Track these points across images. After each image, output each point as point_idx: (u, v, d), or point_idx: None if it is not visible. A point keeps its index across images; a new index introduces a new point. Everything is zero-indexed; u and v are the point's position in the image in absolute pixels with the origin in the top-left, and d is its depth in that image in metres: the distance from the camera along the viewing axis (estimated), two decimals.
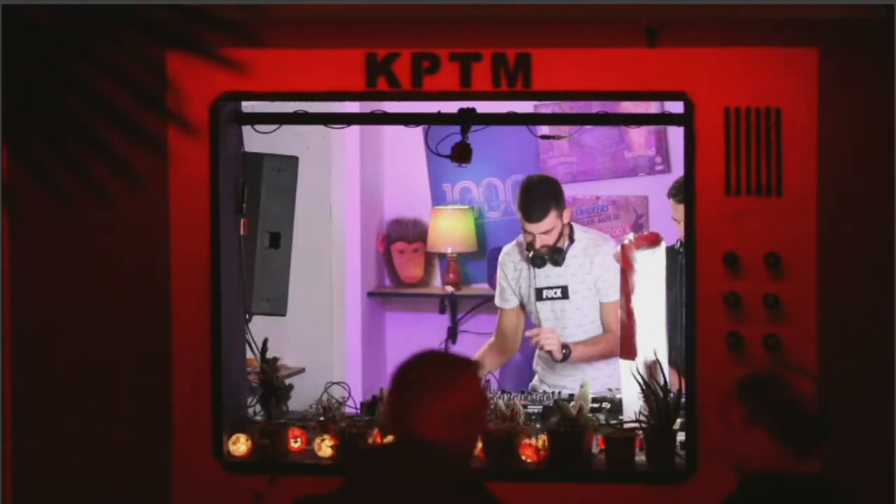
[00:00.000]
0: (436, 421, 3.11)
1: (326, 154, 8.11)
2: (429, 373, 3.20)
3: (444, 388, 3.15)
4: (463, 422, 3.13)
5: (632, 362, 5.59)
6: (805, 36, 5.19)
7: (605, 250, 6.38)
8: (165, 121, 1.99)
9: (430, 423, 3.11)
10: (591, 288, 6.38)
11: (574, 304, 6.39)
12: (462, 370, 3.23)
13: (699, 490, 5.26)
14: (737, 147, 5.24)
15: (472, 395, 3.19)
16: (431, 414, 3.12)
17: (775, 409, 3.51)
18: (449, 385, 3.15)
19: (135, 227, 5.47)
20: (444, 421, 3.12)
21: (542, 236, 6.29)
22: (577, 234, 6.41)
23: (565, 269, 6.37)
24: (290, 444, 5.54)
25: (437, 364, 3.27)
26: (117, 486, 5.53)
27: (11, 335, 5.52)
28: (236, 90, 5.41)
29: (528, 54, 5.30)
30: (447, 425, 3.12)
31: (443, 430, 3.11)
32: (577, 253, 6.38)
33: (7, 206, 2.16)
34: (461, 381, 3.18)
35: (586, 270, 6.37)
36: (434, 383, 3.16)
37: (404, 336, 8.48)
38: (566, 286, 6.38)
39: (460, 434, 3.14)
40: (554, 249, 6.33)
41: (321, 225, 8.14)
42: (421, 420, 3.13)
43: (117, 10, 1.94)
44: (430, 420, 3.12)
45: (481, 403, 3.24)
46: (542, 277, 6.41)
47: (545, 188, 6.33)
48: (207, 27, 1.94)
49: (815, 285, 5.22)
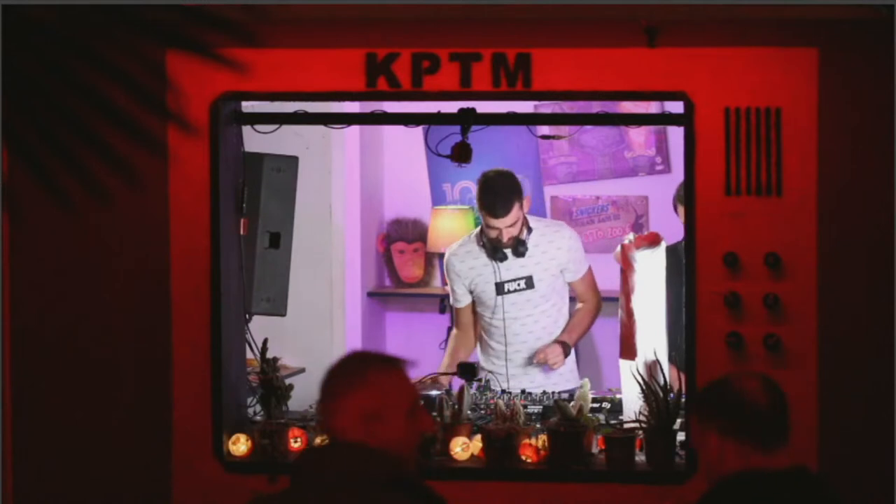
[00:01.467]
0: (345, 421, 3.11)
1: (326, 154, 8.11)
2: (341, 373, 3.20)
3: (352, 387, 3.13)
4: (375, 422, 3.10)
5: (632, 362, 5.59)
6: (805, 36, 5.19)
7: (564, 234, 6.47)
8: (165, 121, 1.99)
9: (341, 423, 3.12)
10: (555, 273, 6.43)
11: (539, 291, 6.42)
12: (376, 369, 3.19)
13: (699, 490, 5.25)
14: (737, 147, 5.24)
15: (383, 395, 3.13)
16: (341, 414, 3.12)
17: (717, 407, 3.54)
18: (357, 384, 3.14)
19: (135, 227, 5.46)
20: (353, 421, 3.11)
21: (509, 229, 6.32)
22: (531, 223, 6.44)
23: (528, 259, 6.39)
24: (290, 444, 5.54)
25: (352, 364, 3.25)
26: (117, 485, 5.53)
27: (11, 335, 5.52)
28: (236, 90, 5.41)
29: (528, 54, 5.30)
30: (358, 425, 3.10)
31: (354, 430, 3.10)
32: (538, 240, 6.41)
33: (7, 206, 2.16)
34: (372, 380, 3.15)
35: (550, 256, 6.41)
36: (344, 383, 3.16)
37: (404, 336, 8.48)
38: (530, 276, 6.40)
39: (377, 434, 3.10)
40: (517, 241, 6.35)
41: (321, 225, 8.14)
42: (333, 420, 3.14)
43: (117, 10, 1.94)
44: (340, 420, 3.12)
45: (397, 402, 3.13)
46: (504, 271, 6.41)
47: (506, 183, 6.34)
48: (207, 27, 1.94)
49: (815, 285, 5.22)
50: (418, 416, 3.18)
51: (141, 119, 1.94)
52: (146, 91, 1.94)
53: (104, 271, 5.51)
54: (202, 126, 5.36)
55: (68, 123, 1.93)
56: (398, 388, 3.17)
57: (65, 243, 5.50)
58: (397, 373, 3.19)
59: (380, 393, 3.13)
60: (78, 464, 5.54)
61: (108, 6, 1.94)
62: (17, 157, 1.94)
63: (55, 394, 5.53)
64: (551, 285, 6.43)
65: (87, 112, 1.93)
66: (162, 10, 1.95)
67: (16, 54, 1.92)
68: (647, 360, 5.57)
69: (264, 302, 5.81)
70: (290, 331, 6.90)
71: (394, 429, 3.11)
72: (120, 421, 5.51)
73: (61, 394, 5.53)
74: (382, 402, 3.12)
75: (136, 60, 1.93)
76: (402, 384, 3.19)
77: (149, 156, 2.00)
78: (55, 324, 5.53)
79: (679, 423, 5.35)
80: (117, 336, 5.51)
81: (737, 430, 3.49)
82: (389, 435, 3.10)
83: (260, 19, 2.49)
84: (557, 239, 6.43)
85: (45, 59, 1.94)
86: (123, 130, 1.92)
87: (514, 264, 6.40)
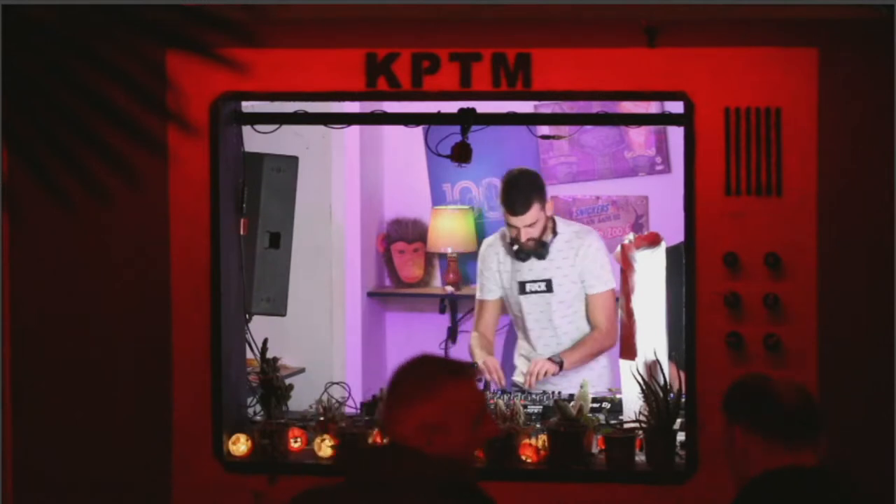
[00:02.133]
0: (407, 430, 3.10)
1: (326, 154, 8.11)
2: (409, 380, 3.18)
3: (418, 397, 3.11)
4: (437, 433, 3.09)
5: (632, 362, 5.59)
6: (805, 36, 5.19)
7: (589, 242, 6.40)
8: (165, 121, 1.99)
9: (403, 432, 3.10)
10: (575, 281, 6.39)
11: (559, 297, 6.40)
12: (444, 379, 3.16)
13: (699, 490, 5.26)
14: (737, 147, 5.24)
15: (449, 407, 3.11)
16: (404, 423, 3.11)
17: (748, 403, 3.54)
18: (423, 395, 3.12)
19: (135, 227, 5.47)
20: (415, 431, 3.09)
21: (527, 229, 6.31)
22: (560, 227, 6.43)
23: (549, 263, 6.38)
24: (290, 444, 5.54)
25: (421, 371, 3.23)
26: (117, 485, 5.53)
27: (11, 335, 5.53)
28: (236, 90, 5.41)
29: (528, 54, 5.30)
30: (420, 435, 3.09)
31: (415, 439, 3.09)
32: (562, 246, 6.39)
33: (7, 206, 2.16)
34: (439, 391, 3.13)
35: (570, 263, 6.38)
36: (410, 392, 3.14)
37: (404, 336, 8.48)
38: (550, 279, 6.39)
39: (437, 444, 3.09)
40: (538, 243, 6.34)
41: (321, 225, 8.14)
42: (395, 427, 3.12)
43: (117, 10, 1.94)
44: (402, 429, 3.11)
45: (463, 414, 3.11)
46: (526, 271, 6.41)
47: (527, 181, 6.34)
48: (207, 27, 1.94)
49: (815, 285, 5.22)
50: (483, 424, 3.16)
51: (141, 119, 1.93)
52: (146, 91, 1.93)
53: (104, 271, 5.51)
54: (202, 126, 5.36)
55: (68, 123, 1.93)
56: (465, 399, 3.14)
57: (65, 243, 5.50)
58: (466, 383, 3.17)
59: (446, 405, 3.10)
60: (78, 464, 5.54)
61: (108, 6, 1.94)
62: (17, 157, 1.93)
63: (55, 394, 5.53)
64: (572, 292, 6.41)
65: (87, 112, 1.92)
66: (162, 10, 1.95)
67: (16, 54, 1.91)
68: (647, 360, 5.57)
69: (264, 302, 5.81)
70: (290, 331, 6.90)
71: (456, 438, 3.10)
72: (120, 421, 5.51)
73: (61, 394, 5.53)
74: (448, 414, 3.10)
75: (136, 60, 1.93)
76: (469, 395, 3.16)
77: (149, 156, 2.00)
78: (55, 324, 5.53)
79: (679, 423, 5.35)
80: (117, 336, 5.51)
81: (761, 426, 3.49)
82: (451, 444, 3.09)
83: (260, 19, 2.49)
84: (581, 246, 6.40)
85: (45, 59, 1.94)
86: (123, 130, 1.92)
87: (536, 265, 6.40)
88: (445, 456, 3.08)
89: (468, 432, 3.11)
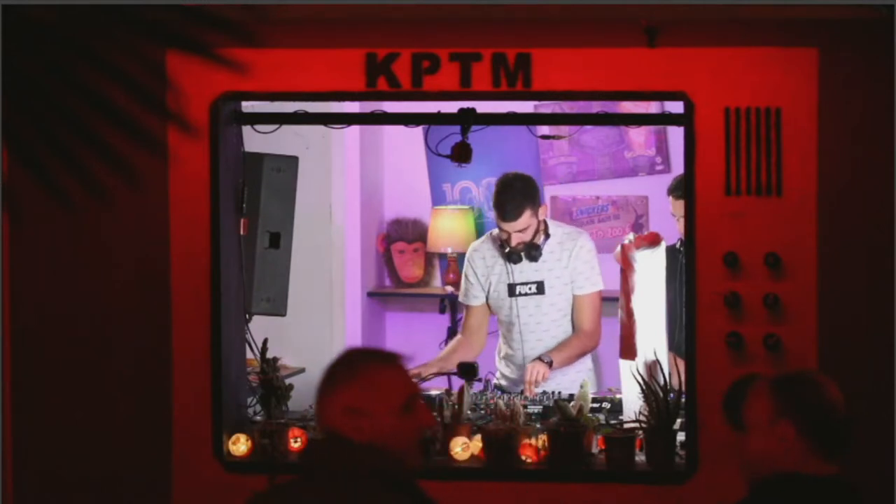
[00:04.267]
0: (330, 415, 3.10)
1: (326, 154, 8.11)
2: (333, 368, 3.19)
3: (340, 381, 3.12)
4: (359, 416, 3.08)
5: (632, 362, 5.59)
6: (805, 36, 5.19)
7: (581, 243, 6.39)
8: (165, 121, 1.99)
9: (327, 417, 3.11)
10: (567, 283, 6.38)
11: (549, 299, 6.38)
12: (366, 363, 3.17)
13: (699, 490, 5.26)
14: (737, 147, 5.24)
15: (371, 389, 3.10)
16: (328, 408, 3.12)
17: (808, 405, 3.47)
18: (344, 379, 3.13)
19: (135, 227, 5.47)
20: (337, 415, 3.10)
21: (518, 234, 6.29)
22: (551, 228, 6.41)
23: (541, 265, 6.37)
24: (290, 444, 5.54)
25: (345, 359, 3.23)
26: (117, 485, 5.53)
27: (11, 335, 5.52)
28: (236, 90, 5.41)
29: (528, 54, 5.30)
30: (342, 419, 3.09)
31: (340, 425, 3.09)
32: (553, 248, 6.37)
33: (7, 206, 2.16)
34: (360, 374, 3.13)
35: (563, 265, 6.37)
36: (333, 378, 3.15)
37: (404, 336, 8.48)
38: (542, 281, 6.38)
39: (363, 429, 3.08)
40: (530, 245, 6.33)
41: (321, 225, 8.14)
42: (321, 414, 3.14)
43: (117, 10, 1.94)
44: (326, 414, 3.12)
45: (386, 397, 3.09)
46: (517, 273, 6.40)
47: (519, 187, 6.30)
48: (207, 27, 1.94)
49: (815, 285, 5.22)
50: (415, 412, 3.13)
51: (141, 119, 1.93)
52: (146, 91, 1.94)
53: (104, 271, 5.51)
54: (202, 126, 5.36)
55: (68, 123, 1.93)
56: (389, 383, 3.12)
57: (65, 243, 5.50)
58: (391, 368, 3.16)
59: (367, 387, 3.10)
60: (78, 464, 5.54)
61: (108, 6, 1.94)
62: (17, 157, 1.93)
63: (55, 394, 5.53)
64: (563, 294, 6.40)
65: (87, 112, 1.93)
66: (162, 10, 1.95)
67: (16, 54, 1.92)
68: (647, 360, 5.57)
69: (264, 302, 5.81)
70: (290, 331, 6.90)
71: (381, 424, 3.08)
72: (120, 421, 5.51)
73: (61, 394, 5.53)
74: (369, 396, 3.09)
75: (136, 60, 1.93)
76: (394, 379, 3.14)
77: (149, 156, 2.00)
78: (55, 324, 5.53)
79: (679, 423, 5.36)
80: (117, 336, 5.51)
81: (814, 432, 3.44)
82: (377, 430, 3.08)
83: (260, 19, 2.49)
84: (572, 247, 6.38)
85: (45, 59, 1.94)
86: (123, 130, 1.92)
87: (527, 268, 6.38)
88: (375, 444, 3.07)
89: (395, 418, 3.09)
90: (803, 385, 3.52)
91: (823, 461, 3.44)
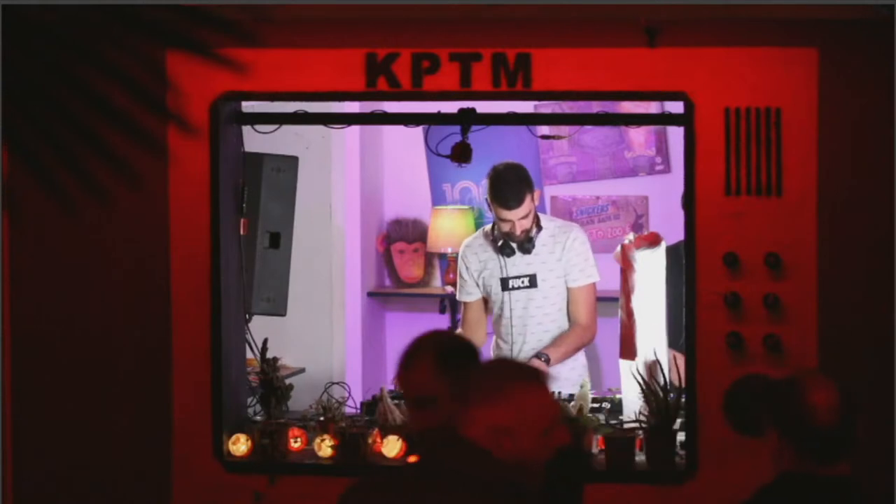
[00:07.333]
0: (476, 432, 3.08)
1: (326, 154, 8.11)
2: (483, 381, 3.16)
3: (490, 399, 3.09)
4: (505, 436, 3.07)
5: (632, 362, 5.59)
6: (805, 36, 5.19)
7: (574, 235, 6.38)
8: (165, 121, 1.99)
9: (472, 433, 3.08)
10: (560, 276, 6.37)
11: (542, 292, 6.37)
12: (516, 383, 3.14)
13: (699, 490, 5.27)
14: (737, 147, 5.24)
15: (519, 412, 3.07)
16: (474, 424, 3.08)
17: (785, 413, 3.48)
18: (495, 398, 3.09)
19: (135, 227, 5.47)
20: (483, 432, 3.07)
21: (521, 222, 6.29)
22: (543, 222, 6.41)
23: (534, 258, 6.36)
24: (290, 444, 5.54)
25: (495, 373, 3.22)
26: (117, 485, 5.53)
27: (11, 335, 5.52)
28: (236, 90, 5.42)
29: (528, 54, 5.30)
30: (487, 437, 3.07)
31: (486, 441, 3.07)
32: (546, 240, 6.37)
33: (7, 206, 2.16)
34: (510, 395, 3.10)
35: (556, 258, 6.36)
36: (482, 393, 3.12)
37: (404, 336, 8.44)
38: (534, 274, 6.37)
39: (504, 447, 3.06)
40: (525, 236, 6.32)
41: (321, 225, 8.13)
42: (465, 428, 3.09)
43: (117, 10, 1.94)
44: (471, 430, 3.08)
45: (533, 421, 3.08)
46: (510, 267, 6.39)
47: (516, 174, 6.31)
48: (207, 27, 1.94)
49: (815, 285, 5.22)
50: (554, 433, 3.13)
51: (141, 119, 1.93)
52: (146, 91, 1.93)
53: (104, 271, 5.51)
54: (202, 126, 5.36)
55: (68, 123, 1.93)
56: (537, 405, 3.11)
57: (65, 243, 5.50)
58: (538, 389, 3.13)
59: (516, 409, 3.07)
60: (78, 464, 5.54)
61: (108, 6, 1.94)
62: (17, 157, 1.93)
63: (55, 394, 5.53)
64: (556, 287, 6.39)
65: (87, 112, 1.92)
66: (162, 10, 1.95)
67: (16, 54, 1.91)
68: (647, 360, 5.57)
69: (264, 302, 5.81)
70: (290, 331, 6.90)
71: (524, 444, 3.07)
72: (120, 421, 5.51)
73: (61, 394, 5.53)
74: (517, 419, 3.07)
75: (136, 60, 1.93)
76: (541, 402, 3.12)
77: (149, 156, 2.00)
78: (55, 324, 5.53)
79: (679, 423, 5.35)
80: (117, 336, 5.51)
81: (798, 440, 3.45)
82: (519, 449, 3.07)
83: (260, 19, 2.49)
84: (565, 240, 6.38)
85: (45, 59, 1.94)
86: (123, 130, 1.92)
87: (520, 261, 6.37)
88: (512, 460, 3.06)
89: (537, 439, 3.08)
90: (784, 392, 3.53)
91: (817, 465, 3.44)
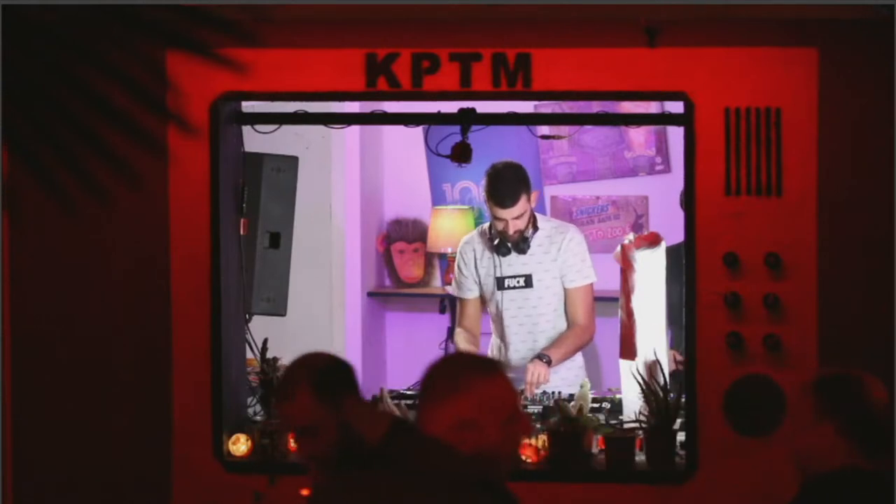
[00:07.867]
0: (439, 428, 3.06)
1: (326, 154, 8.11)
2: (439, 377, 3.15)
3: (449, 394, 3.08)
4: (469, 429, 3.05)
5: (632, 362, 5.59)
6: (805, 36, 5.19)
7: (571, 236, 6.37)
8: (165, 121, 1.99)
9: (436, 431, 3.07)
10: (556, 276, 6.36)
11: (537, 292, 6.36)
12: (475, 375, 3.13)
13: (699, 490, 5.27)
14: (737, 147, 5.25)
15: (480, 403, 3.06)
16: (436, 421, 3.07)
17: (846, 405, 3.50)
18: (454, 391, 3.08)
19: (135, 227, 5.47)
20: (447, 428, 3.06)
21: (515, 221, 6.27)
22: (540, 222, 6.40)
23: (529, 258, 6.35)
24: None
25: (452, 368, 3.20)
26: (118, 485, 5.53)
27: (11, 335, 5.53)
28: (236, 90, 5.42)
29: (528, 54, 5.30)
30: (451, 433, 3.05)
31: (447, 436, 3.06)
32: (542, 241, 6.36)
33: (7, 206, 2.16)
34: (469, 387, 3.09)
35: (552, 258, 6.35)
36: (441, 389, 3.11)
37: (404, 336, 8.48)
38: (530, 275, 6.36)
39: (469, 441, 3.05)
40: (520, 236, 6.31)
41: (321, 225, 8.14)
42: (427, 426, 3.08)
43: (117, 10, 1.94)
44: (434, 427, 3.07)
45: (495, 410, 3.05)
46: (505, 266, 6.39)
47: (513, 173, 6.30)
48: (207, 27, 1.94)
49: (815, 285, 5.22)
50: (517, 422, 3.11)
51: (141, 119, 1.93)
52: (146, 91, 1.93)
53: (104, 271, 5.51)
54: (202, 126, 5.36)
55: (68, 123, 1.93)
56: (497, 395, 3.08)
57: (65, 243, 5.50)
58: (496, 379, 3.11)
59: (476, 401, 3.05)
60: (78, 463, 5.54)
61: (108, 6, 1.94)
62: (17, 157, 1.94)
63: (55, 394, 5.53)
64: (551, 288, 6.38)
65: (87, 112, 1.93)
66: (162, 10, 1.95)
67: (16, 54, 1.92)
68: (647, 360, 5.57)
69: (264, 302, 5.81)
70: (290, 331, 6.90)
71: (488, 436, 3.05)
72: (120, 421, 5.51)
73: (61, 394, 5.53)
74: (478, 411, 3.04)
75: (136, 60, 1.93)
76: (501, 391, 3.10)
77: (149, 156, 2.00)
78: (55, 324, 5.53)
79: (679, 423, 5.36)
80: (117, 336, 5.51)
81: (854, 432, 3.47)
82: (483, 442, 3.06)
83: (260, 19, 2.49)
84: (561, 241, 6.37)
85: (45, 59, 1.94)
86: (123, 130, 1.92)
87: (515, 261, 6.36)
88: (477, 454, 3.05)
89: (500, 430, 3.07)
90: (843, 385, 3.56)
91: (866, 459, 3.47)
